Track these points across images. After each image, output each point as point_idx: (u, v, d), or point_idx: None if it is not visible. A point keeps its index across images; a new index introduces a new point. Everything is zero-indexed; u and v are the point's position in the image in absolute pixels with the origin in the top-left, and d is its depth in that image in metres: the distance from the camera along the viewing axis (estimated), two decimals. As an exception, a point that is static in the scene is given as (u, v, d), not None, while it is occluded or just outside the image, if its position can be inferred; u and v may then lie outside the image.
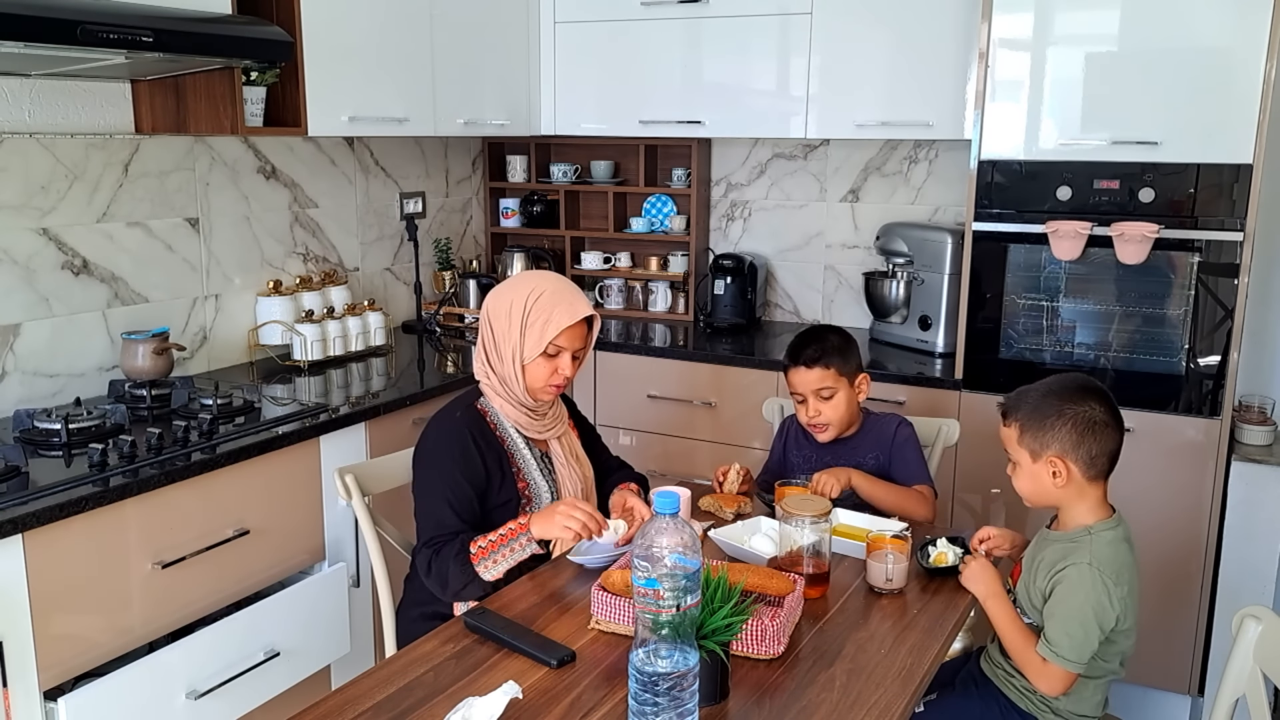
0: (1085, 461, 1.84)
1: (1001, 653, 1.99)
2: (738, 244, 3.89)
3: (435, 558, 1.97)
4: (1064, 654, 1.78)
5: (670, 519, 1.38)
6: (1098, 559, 1.80)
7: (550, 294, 2.07)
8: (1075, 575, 1.80)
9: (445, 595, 2.01)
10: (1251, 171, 2.59)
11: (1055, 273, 2.85)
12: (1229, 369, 2.70)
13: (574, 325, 2.06)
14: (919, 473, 2.37)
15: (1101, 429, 1.84)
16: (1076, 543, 1.84)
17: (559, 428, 2.20)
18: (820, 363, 2.33)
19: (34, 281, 2.52)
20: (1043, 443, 1.86)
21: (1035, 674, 1.82)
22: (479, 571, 1.93)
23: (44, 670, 1.98)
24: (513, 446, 2.12)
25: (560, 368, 2.07)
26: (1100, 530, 1.85)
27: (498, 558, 1.93)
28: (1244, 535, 2.77)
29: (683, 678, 1.34)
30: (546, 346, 2.04)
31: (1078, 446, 1.83)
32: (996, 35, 2.81)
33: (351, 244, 3.45)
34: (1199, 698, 2.90)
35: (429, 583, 2.01)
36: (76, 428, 2.29)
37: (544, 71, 3.64)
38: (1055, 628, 1.80)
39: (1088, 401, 1.85)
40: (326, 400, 2.74)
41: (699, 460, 3.35)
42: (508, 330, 2.07)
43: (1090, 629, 1.78)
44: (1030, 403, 1.89)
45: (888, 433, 2.40)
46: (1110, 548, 1.83)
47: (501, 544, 1.93)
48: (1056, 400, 1.86)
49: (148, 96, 2.68)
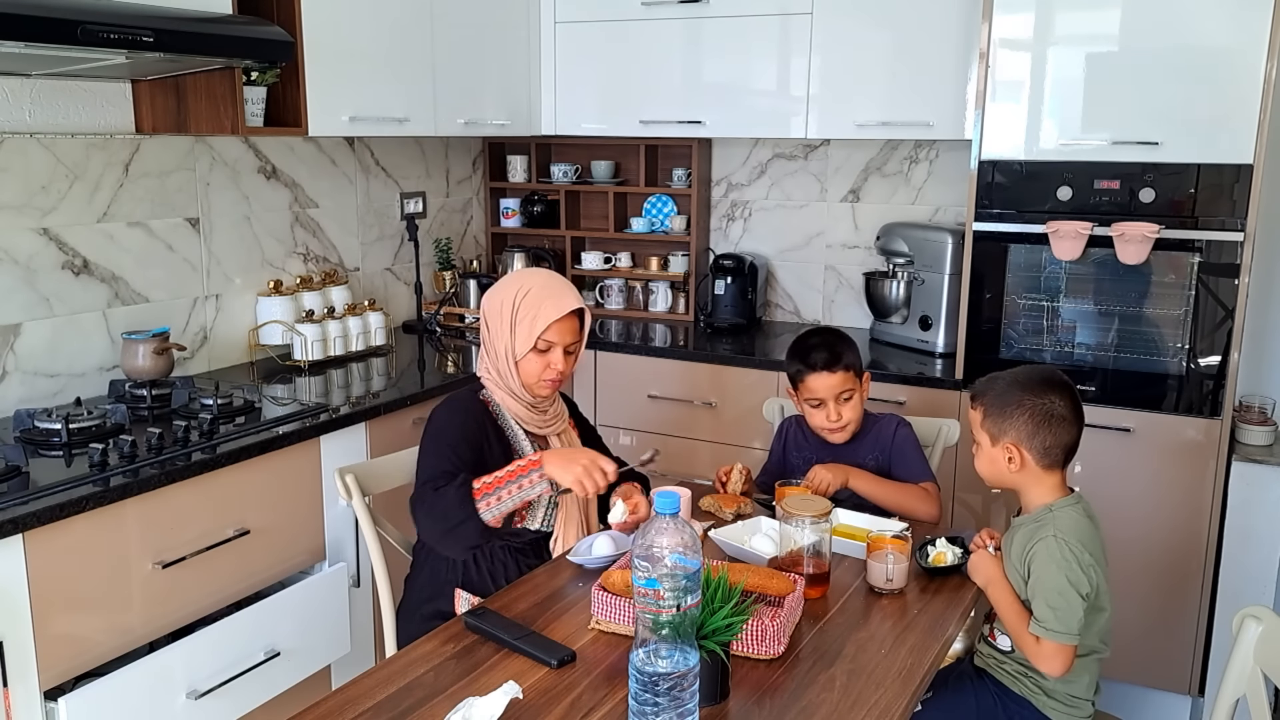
0: (1039, 451, 1.90)
1: (985, 640, 2.01)
2: (738, 244, 3.89)
3: (434, 493, 1.94)
4: (1052, 626, 1.81)
5: (670, 519, 1.38)
6: (1061, 530, 1.86)
7: (538, 289, 2.10)
8: (1044, 550, 1.85)
9: (436, 533, 1.97)
10: (1252, 171, 2.59)
11: (1055, 273, 2.85)
12: (1229, 369, 2.70)
13: (563, 320, 2.08)
14: (921, 471, 2.37)
15: (1059, 422, 1.89)
16: (1040, 521, 1.90)
17: (559, 424, 2.22)
18: (841, 364, 2.33)
19: (34, 281, 2.52)
20: (1001, 429, 1.92)
21: (1034, 655, 1.85)
22: (479, 508, 1.91)
23: (44, 670, 1.98)
24: (513, 437, 2.14)
25: (553, 362, 2.10)
26: (1061, 506, 1.91)
27: (502, 494, 1.92)
28: (1244, 535, 2.77)
29: (683, 678, 1.34)
30: (536, 342, 2.07)
31: (1033, 436, 1.90)
32: (997, 35, 2.81)
33: (352, 244, 3.45)
34: (1199, 698, 2.90)
35: (422, 522, 1.98)
36: (77, 428, 2.29)
37: (544, 71, 3.64)
38: (1039, 605, 1.84)
39: (1049, 394, 1.90)
40: (327, 400, 2.74)
41: (699, 460, 3.35)
42: (500, 327, 2.11)
43: (1070, 596, 1.81)
44: (997, 389, 1.96)
45: (886, 433, 2.41)
46: (1071, 520, 1.89)
47: (509, 479, 1.93)
48: (1019, 390, 1.92)
49: (148, 96, 2.69)
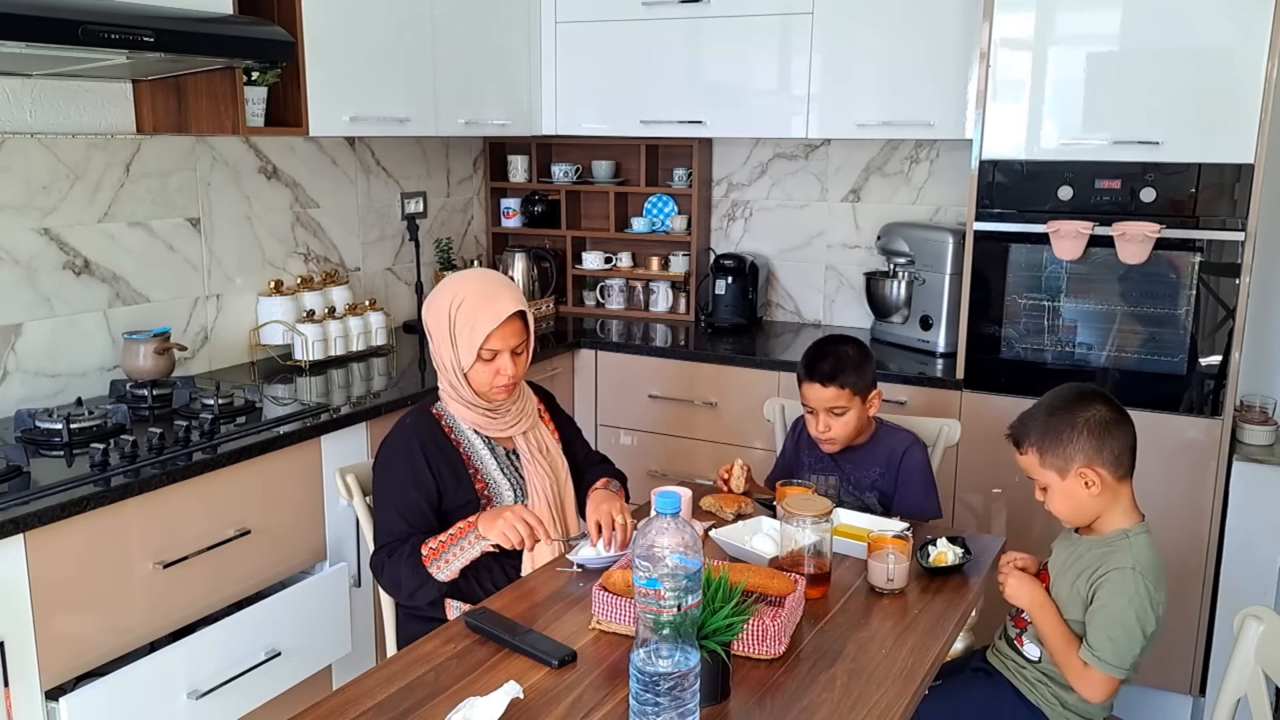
0: (1112, 462, 1.83)
1: (1009, 645, 1.99)
2: (739, 244, 3.89)
3: (388, 561, 2.01)
4: (1106, 658, 1.77)
5: (671, 519, 1.37)
6: (1140, 563, 1.80)
7: (472, 298, 2.04)
8: (1119, 579, 1.79)
9: (400, 597, 2.06)
10: (1253, 171, 2.59)
11: (1056, 273, 2.85)
12: (1230, 369, 2.70)
13: (503, 326, 2.03)
14: (924, 503, 2.35)
15: (1115, 426, 1.84)
16: (1114, 547, 1.83)
17: (523, 423, 2.16)
18: (836, 381, 2.29)
19: (35, 281, 2.52)
20: (1066, 457, 1.84)
21: (1076, 678, 1.82)
22: (432, 572, 1.96)
23: (45, 670, 1.98)
24: (469, 448, 2.11)
25: (501, 369, 2.05)
26: (1138, 534, 1.84)
27: (449, 557, 1.96)
28: (1245, 535, 2.77)
29: (684, 678, 1.34)
30: (480, 352, 2.03)
31: (1100, 450, 1.82)
32: (998, 35, 2.81)
33: (353, 244, 3.45)
34: (1200, 698, 2.90)
35: (383, 585, 2.07)
36: (78, 427, 2.29)
37: (545, 71, 3.64)
38: (1097, 632, 1.79)
39: (1094, 405, 1.85)
40: (328, 400, 2.74)
41: (700, 460, 3.35)
42: (441, 342, 2.07)
43: (1133, 633, 1.77)
44: (1039, 423, 1.88)
45: (897, 451, 2.38)
46: (1149, 551, 1.83)
47: (451, 544, 1.96)
48: (1065, 413, 1.85)
49: (149, 96, 2.68)
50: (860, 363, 2.32)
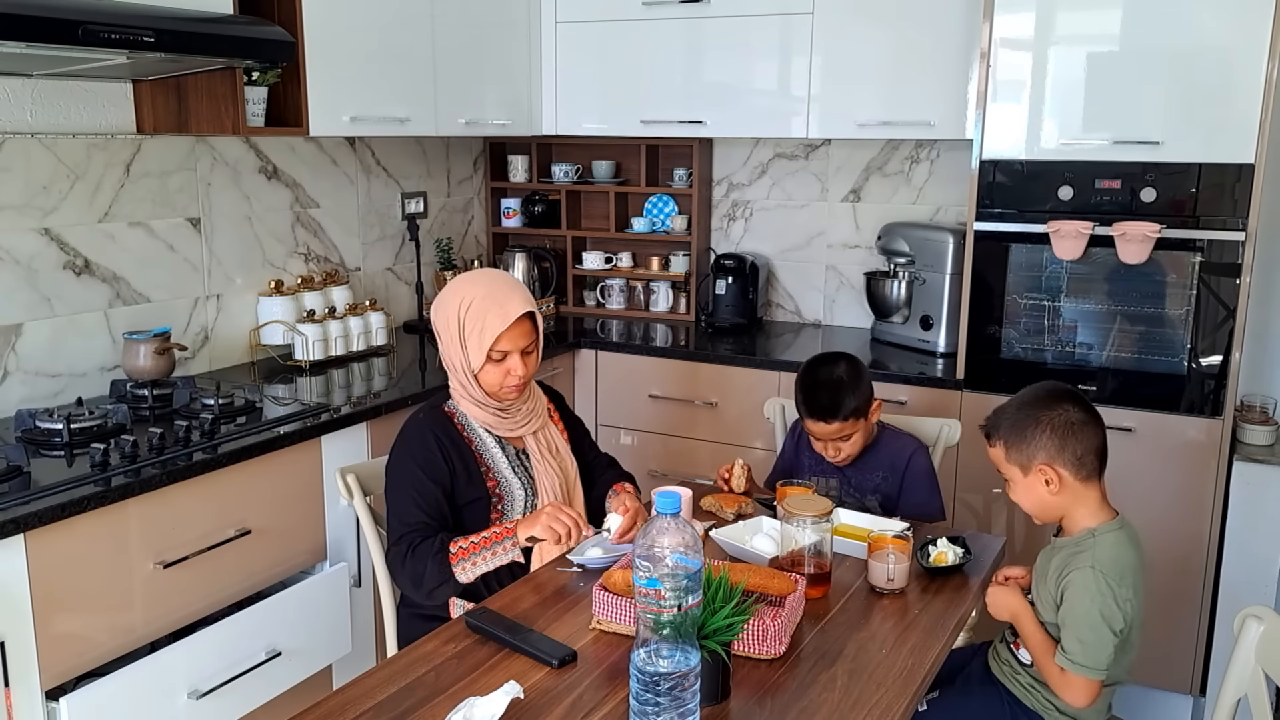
0: (1073, 464, 1.84)
1: (1008, 649, 1.99)
2: (739, 244, 3.89)
3: (411, 554, 1.97)
4: (1079, 660, 1.78)
5: (671, 519, 1.37)
6: (1100, 561, 1.80)
7: (481, 299, 2.04)
8: (1080, 580, 1.80)
9: (417, 593, 2.01)
10: (1253, 171, 2.59)
11: (1057, 273, 2.85)
12: (1231, 369, 2.70)
13: (512, 327, 2.03)
14: (928, 507, 2.35)
15: (1081, 428, 1.84)
16: (1080, 547, 1.84)
17: (534, 423, 2.17)
18: (838, 416, 2.28)
19: (36, 282, 2.52)
20: (1028, 454, 1.86)
21: (1056, 684, 1.82)
22: (456, 572, 1.94)
23: (46, 670, 1.98)
24: (481, 446, 2.11)
25: (511, 369, 2.05)
26: (1104, 532, 1.85)
27: (478, 560, 1.94)
28: (1246, 535, 2.77)
29: (684, 678, 1.34)
30: (489, 353, 2.03)
31: (1062, 450, 1.84)
32: (998, 35, 2.81)
33: (353, 244, 3.45)
34: (1200, 698, 2.90)
35: (401, 583, 2.03)
36: (78, 427, 2.29)
37: (545, 71, 3.64)
38: (1068, 635, 1.80)
39: (1062, 405, 1.86)
40: (328, 400, 2.74)
41: (700, 460, 3.35)
42: (450, 343, 2.08)
43: (1101, 633, 1.77)
44: (1008, 418, 1.90)
45: (902, 456, 2.38)
46: (1113, 549, 1.83)
47: (484, 546, 1.94)
48: (1031, 409, 1.87)
49: (149, 96, 2.69)
50: (856, 384, 2.30)
